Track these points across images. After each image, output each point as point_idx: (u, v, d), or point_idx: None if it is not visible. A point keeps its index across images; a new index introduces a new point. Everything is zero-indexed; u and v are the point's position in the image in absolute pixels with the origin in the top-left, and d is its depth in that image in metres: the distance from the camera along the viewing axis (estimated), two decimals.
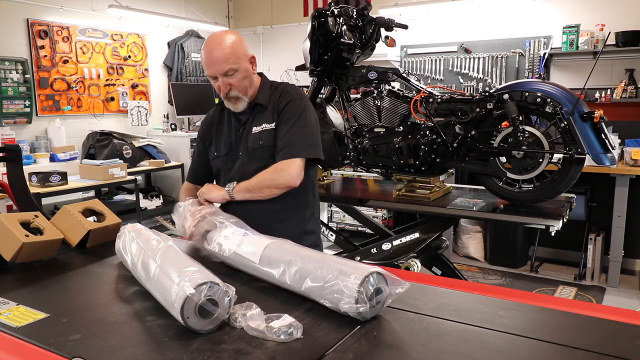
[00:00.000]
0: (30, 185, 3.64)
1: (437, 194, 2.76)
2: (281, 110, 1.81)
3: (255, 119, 1.85)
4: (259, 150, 1.82)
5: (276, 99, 1.84)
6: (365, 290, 1.08)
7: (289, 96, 1.83)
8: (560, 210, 2.44)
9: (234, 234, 1.47)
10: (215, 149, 1.93)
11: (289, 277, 1.23)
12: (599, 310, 1.19)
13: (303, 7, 6.13)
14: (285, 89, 1.87)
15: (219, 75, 1.75)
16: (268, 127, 1.82)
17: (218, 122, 1.96)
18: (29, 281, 1.41)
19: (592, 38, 4.45)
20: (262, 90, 1.87)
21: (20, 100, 4.54)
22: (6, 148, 2.11)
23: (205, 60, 1.76)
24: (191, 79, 6.11)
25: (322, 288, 1.14)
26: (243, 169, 1.83)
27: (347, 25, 2.74)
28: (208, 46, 1.76)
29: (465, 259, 4.86)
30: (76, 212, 1.70)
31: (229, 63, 1.73)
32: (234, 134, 1.89)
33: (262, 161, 1.79)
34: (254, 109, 1.86)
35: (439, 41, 5.25)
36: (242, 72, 1.77)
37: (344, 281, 1.10)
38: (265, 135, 1.81)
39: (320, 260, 1.21)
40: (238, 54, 1.75)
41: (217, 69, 1.74)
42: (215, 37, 1.77)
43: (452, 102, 2.58)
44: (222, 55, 1.72)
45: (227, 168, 1.89)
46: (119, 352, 0.99)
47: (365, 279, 1.09)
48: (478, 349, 0.99)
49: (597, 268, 4.22)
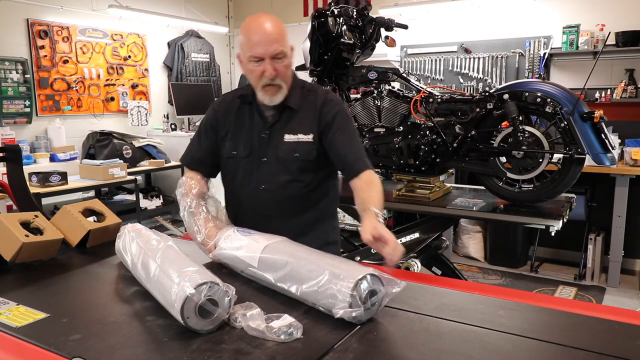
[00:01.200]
0: (30, 185, 3.64)
1: (437, 194, 2.76)
2: (329, 121, 1.64)
3: (286, 124, 1.67)
4: (292, 162, 1.65)
5: (315, 106, 1.67)
6: (358, 294, 1.07)
7: (334, 105, 1.68)
8: (560, 210, 2.44)
9: (233, 237, 1.47)
10: (233, 147, 1.72)
11: (285, 282, 1.23)
12: (599, 310, 1.19)
13: (303, 7, 6.13)
14: (327, 96, 1.70)
15: (267, 57, 1.54)
16: (305, 139, 1.65)
17: (237, 115, 1.73)
18: (29, 281, 1.41)
19: (592, 38, 4.45)
20: (294, 91, 1.68)
21: (20, 100, 4.54)
22: (6, 148, 2.10)
23: (256, 37, 1.54)
24: (191, 79, 6.10)
25: (317, 293, 1.14)
26: (272, 178, 1.67)
27: (347, 25, 2.74)
28: (257, 23, 1.56)
29: (465, 259, 4.85)
30: (76, 212, 1.70)
31: (281, 44, 1.55)
32: (257, 135, 1.69)
33: (294, 174, 1.66)
34: (283, 112, 1.67)
35: (439, 41, 5.25)
36: (289, 58, 1.61)
37: (337, 285, 1.10)
38: (302, 147, 1.65)
39: (315, 262, 1.21)
40: (285, 37, 1.58)
41: (268, 49, 1.53)
42: (261, 15, 1.58)
43: (452, 102, 2.58)
44: (275, 34, 1.54)
45: (246, 171, 1.71)
46: (119, 352, 0.99)
47: (358, 283, 1.08)
48: (478, 349, 0.99)
49: (597, 268, 4.22)
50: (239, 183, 1.73)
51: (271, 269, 1.27)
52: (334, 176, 1.78)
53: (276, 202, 1.68)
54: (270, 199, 1.68)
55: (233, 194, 1.78)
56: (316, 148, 1.66)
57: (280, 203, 1.68)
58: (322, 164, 1.69)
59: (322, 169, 1.71)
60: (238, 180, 1.73)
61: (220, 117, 1.76)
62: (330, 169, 1.73)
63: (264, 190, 1.68)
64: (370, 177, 1.59)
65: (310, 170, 1.68)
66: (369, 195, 1.52)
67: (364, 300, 1.08)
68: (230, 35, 6.81)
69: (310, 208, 1.71)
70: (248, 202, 1.72)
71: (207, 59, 6.31)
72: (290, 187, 1.67)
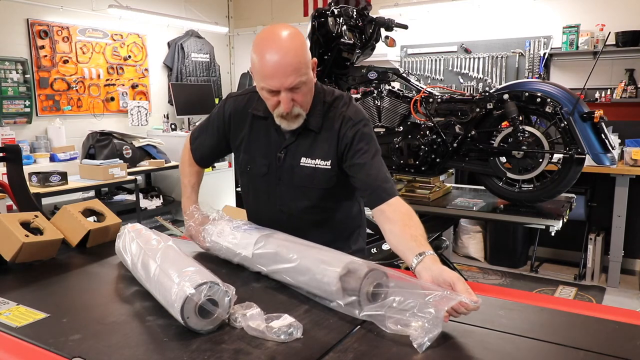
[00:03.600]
0: (30, 185, 3.64)
1: (437, 194, 2.76)
2: (348, 143, 1.45)
3: (303, 146, 1.50)
4: (310, 190, 1.51)
5: (333, 126, 1.48)
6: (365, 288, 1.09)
7: (352, 124, 1.47)
8: (560, 210, 2.44)
9: (227, 229, 1.50)
10: (248, 162, 1.58)
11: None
12: (599, 310, 1.18)
13: (303, 7, 6.13)
14: (346, 114, 1.48)
15: (283, 90, 1.34)
16: (323, 165, 1.48)
17: (251, 126, 1.56)
18: (29, 281, 1.41)
19: (592, 38, 4.45)
20: (314, 108, 1.48)
21: (20, 100, 4.54)
22: (6, 148, 2.10)
23: (269, 69, 1.32)
24: (191, 79, 6.10)
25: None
26: (289, 202, 1.55)
27: (347, 25, 2.74)
28: (271, 48, 1.31)
29: (465, 259, 4.85)
30: (76, 212, 1.70)
31: (300, 74, 1.33)
32: (274, 153, 1.53)
33: (311, 200, 1.53)
34: (301, 132, 1.50)
35: (439, 41, 5.25)
36: (309, 85, 1.40)
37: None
38: (319, 174, 1.49)
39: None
40: (306, 62, 1.35)
41: (284, 82, 1.32)
42: (277, 35, 1.33)
43: (452, 102, 2.58)
44: (292, 64, 1.31)
45: (262, 189, 1.59)
46: (119, 352, 0.99)
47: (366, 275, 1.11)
48: (478, 349, 0.99)
49: (597, 268, 4.22)
50: (256, 199, 1.65)
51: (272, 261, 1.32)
52: (358, 193, 1.62)
53: (296, 225, 1.53)
54: (289, 220, 1.56)
55: (252, 209, 1.70)
56: (336, 175, 1.50)
57: (300, 226, 1.53)
58: (344, 188, 1.54)
59: (345, 192, 1.58)
60: (255, 195, 1.64)
61: (232, 125, 1.60)
62: (353, 188, 1.55)
63: (282, 212, 1.57)
64: (401, 207, 1.39)
65: (330, 196, 1.54)
66: (414, 229, 1.30)
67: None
68: (230, 36, 6.81)
69: (333, 228, 1.60)
70: (266, 220, 1.58)
71: (207, 59, 6.31)
72: (310, 213, 1.56)
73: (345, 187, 1.54)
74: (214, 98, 6.15)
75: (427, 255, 1.19)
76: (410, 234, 1.29)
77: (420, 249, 1.22)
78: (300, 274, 1.23)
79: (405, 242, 1.28)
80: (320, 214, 1.57)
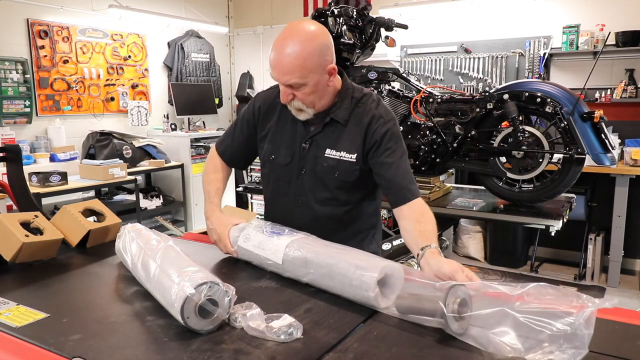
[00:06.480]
0: (30, 185, 3.64)
1: (437, 194, 2.77)
2: (377, 140, 1.49)
3: (329, 137, 1.54)
4: (331, 180, 1.54)
5: (362, 121, 1.52)
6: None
7: (383, 122, 1.51)
8: (560, 210, 2.44)
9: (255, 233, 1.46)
10: (272, 152, 1.61)
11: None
12: (599, 310, 1.18)
13: (303, 7, 6.13)
14: (376, 111, 1.53)
15: (281, 84, 1.46)
16: (347, 157, 1.52)
17: (279, 117, 1.61)
18: (29, 281, 1.41)
19: (592, 38, 4.45)
20: (342, 102, 1.54)
21: (20, 100, 4.54)
22: (6, 148, 2.10)
23: (271, 61, 1.44)
24: (191, 79, 6.10)
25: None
26: (309, 193, 1.57)
27: (347, 25, 2.74)
28: (280, 42, 1.41)
29: (465, 259, 4.85)
30: (76, 212, 1.70)
31: (295, 76, 1.41)
32: (298, 143, 1.57)
33: (332, 192, 1.55)
34: (328, 123, 1.54)
35: (439, 41, 5.25)
36: (311, 87, 1.44)
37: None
38: (343, 166, 1.52)
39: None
40: (310, 67, 1.41)
41: (281, 78, 1.43)
42: (292, 33, 1.41)
43: (452, 102, 2.58)
44: (288, 65, 1.39)
45: (284, 179, 1.61)
46: (119, 352, 0.99)
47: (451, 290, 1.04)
48: (479, 349, 0.99)
49: (597, 268, 4.22)
50: (275, 190, 1.65)
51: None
52: (377, 192, 1.65)
53: (312, 218, 1.57)
54: (306, 213, 1.58)
55: (269, 201, 1.71)
56: (359, 169, 1.52)
57: (316, 219, 1.57)
58: (365, 183, 1.57)
59: (365, 187, 1.59)
60: (275, 186, 1.65)
61: (264, 113, 1.64)
62: (373, 185, 1.60)
63: (301, 203, 1.59)
64: (425, 211, 1.43)
65: (350, 190, 1.56)
66: (426, 226, 1.37)
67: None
68: (230, 36, 6.81)
69: (348, 225, 1.60)
70: (283, 211, 1.63)
71: (207, 59, 6.31)
72: (328, 205, 1.58)
73: (366, 184, 1.57)
74: (214, 98, 6.15)
75: (428, 249, 1.25)
76: (419, 229, 1.37)
77: (425, 242, 1.27)
78: (332, 279, 1.22)
79: (414, 238, 1.36)
80: (338, 207, 1.59)
